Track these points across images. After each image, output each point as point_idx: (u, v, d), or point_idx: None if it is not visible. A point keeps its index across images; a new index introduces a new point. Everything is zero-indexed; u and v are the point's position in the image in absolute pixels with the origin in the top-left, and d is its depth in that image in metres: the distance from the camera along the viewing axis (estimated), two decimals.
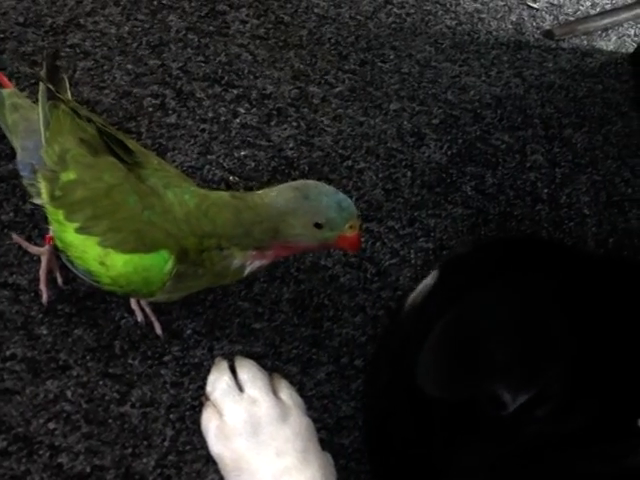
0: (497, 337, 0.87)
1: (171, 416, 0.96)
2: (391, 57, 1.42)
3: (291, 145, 1.23)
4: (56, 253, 0.99)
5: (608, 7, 1.70)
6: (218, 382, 0.89)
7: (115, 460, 0.92)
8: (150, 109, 1.20)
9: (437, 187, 1.27)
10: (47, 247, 1.01)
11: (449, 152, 1.31)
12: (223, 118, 1.23)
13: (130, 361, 0.99)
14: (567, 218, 1.30)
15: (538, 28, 1.60)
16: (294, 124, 1.26)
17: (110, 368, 0.98)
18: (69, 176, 0.88)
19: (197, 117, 1.21)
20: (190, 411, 0.97)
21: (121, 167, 0.88)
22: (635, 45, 1.63)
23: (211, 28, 1.33)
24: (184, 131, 1.19)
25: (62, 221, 0.88)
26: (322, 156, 1.23)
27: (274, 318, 1.06)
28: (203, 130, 1.20)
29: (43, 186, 0.91)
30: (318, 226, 0.84)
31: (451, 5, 1.56)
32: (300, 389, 1.00)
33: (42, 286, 1.00)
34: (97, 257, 0.86)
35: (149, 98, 1.21)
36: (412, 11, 1.52)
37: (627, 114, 1.50)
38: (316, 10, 1.43)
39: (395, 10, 1.50)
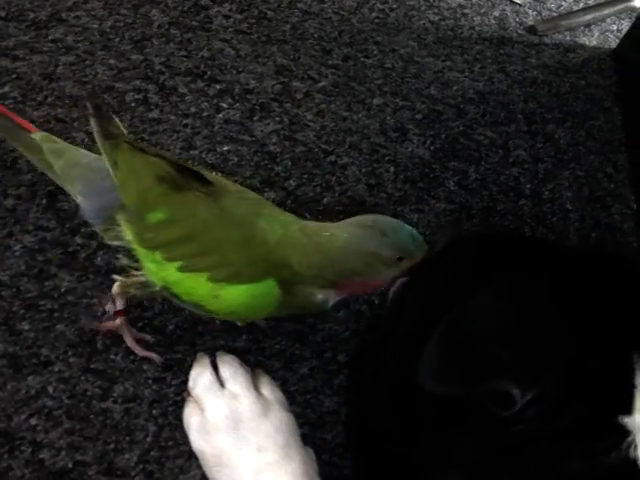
0: (500, 336, 0.87)
1: (154, 412, 0.96)
2: (374, 52, 1.42)
3: (274, 140, 1.23)
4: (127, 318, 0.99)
5: (591, 3, 1.71)
6: (200, 378, 0.89)
7: (97, 456, 0.91)
8: (133, 104, 1.19)
9: (420, 182, 1.27)
10: (119, 320, 0.99)
11: (432, 147, 1.31)
12: (206, 113, 1.22)
13: (112, 356, 0.98)
14: (550, 213, 1.30)
15: (521, 24, 1.61)
16: (277, 119, 1.26)
17: (92, 364, 0.97)
18: (157, 216, 0.87)
19: (180, 112, 1.21)
20: (172, 406, 0.97)
21: (208, 199, 0.87)
22: (618, 41, 1.63)
23: (194, 23, 1.33)
24: (167, 126, 1.19)
25: (161, 261, 0.87)
26: (305, 151, 1.23)
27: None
28: (186, 125, 1.20)
29: (127, 229, 0.90)
30: (400, 259, 0.85)
31: (434, 0, 1.57)
32: (283, 384, 1.00)
33: (146, 354, 1.00)
34: (210, 291, 0.86)
35: (132, 93, 1.20)
36: (395, 6, 1.52)
37: (610, 109, 1.50)
38: (299, 5, 1.43)
39: (378, 5, 1.50)
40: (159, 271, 0.88)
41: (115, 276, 0.94)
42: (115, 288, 0.95)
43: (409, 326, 0.92)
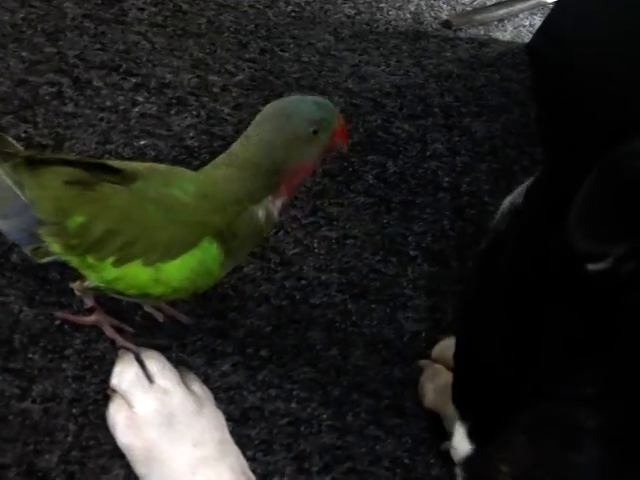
0: None
1: (74, 411, 0.94)
2: (291, 46, 1.41)
3: (192, 134, 1.22)
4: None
5: None
6: (125, 373, 0.88)
7: (17, 457, 0.89)
8: (47, 97, 1.17)
9: (339, 176, 1.27)
10: (96, 313, 0.99)
11: (351, 141, 1.30)
12: (122, 107, 1.21)
13: (30, 355, 0.96)
14: (468, 206, 1.31)
15: (436, 18, 1.62)
16: (194, 113, 1.24)
17: (10, 363, 0.95)
18: (77, 220, 0.85)
19: (95, 106, 1.19)
20: (93, 405, 0.95)
21: (120, 188, 0.86)
22: (531, 35, 1.65)
23: (108, 15, 1.31)
24: (82, 120, 1.17)
25: (95, 263, 0.86)
26: (223, 145, 1.22)
27: (177, 309, 1.05)
28: (101, 119, 1.18)
29: (52, 242, 0.88)
30: (315, 132, 0.84)
31: None
32: (205, 381, 0.98)
33: (124, 343, 0.99)
34: (150, 277, 0.86)
35: (45, 86, 1.18)
36: (311, 0, 1.51)
37: (524, 103, 1.52)
38: None
39: None
40: (97, 273, 0.87)
41: (70, 284, 0.94)
42: (76, 291, 0.95)
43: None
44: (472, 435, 0.95)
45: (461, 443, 0.94)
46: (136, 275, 0.86)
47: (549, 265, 0.84)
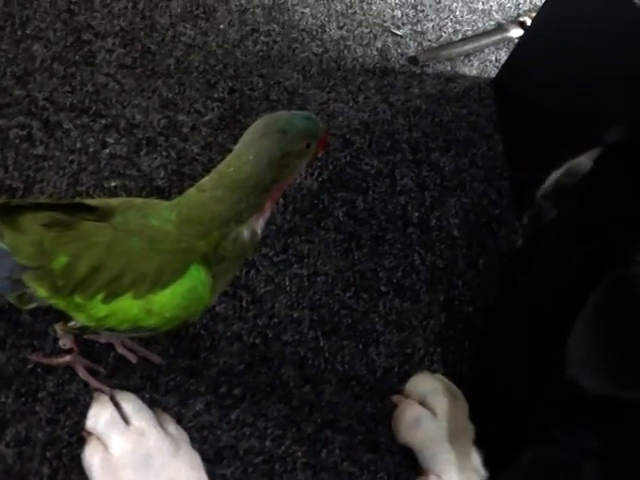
0: None
1: (47, 454, 0.94)
2: (259, 85, 1.42)
3: (162, 174, 1.22)
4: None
5: (469, 33, 1.74)
6: (101, 415, 0.88)
7: None
8: (16, 141, 1.17)
9: (309, 213, 1.27)
10: (70, 357, 0.99)
11: (320, 178, 1.31)
12: (92, 148, 1.21)
13: (3, 399, 0.96)
14: (438, 240, 1.32)
15: (403, 54, 1.63)
16: (164, 153, 1.25)
17: None
18: (61, 261, 0.85)
19: (65, 148, 1.19)
20: (67, 448, 0.95)
21: (101, 224, 0.86)
22: (497, 70, 1.67)
23: (77, 57, 1.31)
24: (52, 162, 1.17)
25: (83, 302, 0.85)
26: (193, 184, 1.22)
27: (149, 350, 1.05)
28: (72, 161, 1.18)
29: (37, 287, 0.87)
30: (308, 146, 0.85)
31: (317, 32, 1.57)
32: (179, 421, 0.99)
33: (97, 385, 0.98)
34: (141, 310, 0.85)
35: (15, 129, 1.18)
36: (279, 39, 1.52)
37: (492, 137, 1.53)
38: (183, 39, 1.43)
39: (262, 38, 1.50)
40: (86, 313, 0.86)
41: (55, 325, 0.94)
42: (58, 331, 0.94)
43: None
44: (487, 464, 0.96)
45: (479, 469, 0.96)
46: (127, 309, 0.85)
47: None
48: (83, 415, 0.94)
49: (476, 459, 1.01)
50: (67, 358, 0.99)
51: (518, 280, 0.95)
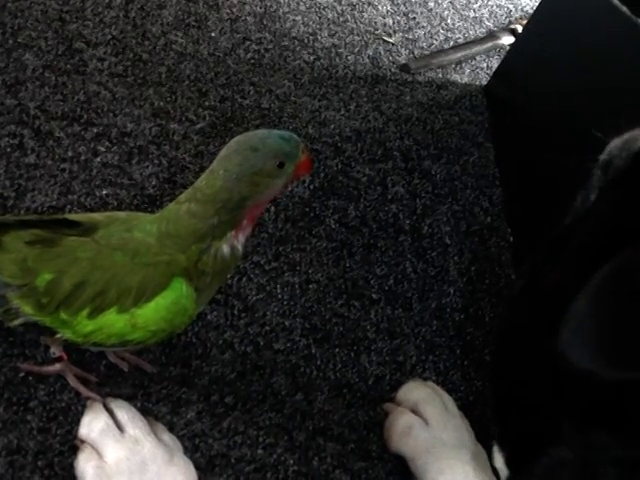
0: None
1: (39, 463, 0.93)
2: (251, 93, 1.42)
3: (153, 183, 1.22)
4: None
5: (461, 41, 1.75)
6: (95, 422, 0.88)
7: None
8: (8, 149, 1.17)
9: (301, 221, 1.27)
10: (62, 363, 0.99)
11: (311, 186, 1.31)
12: (83, 157, 1.21)
13: None
14: (429, 248, 1.32)
15: (394, 62, 1.63)
16: (156, 162, 1.25)
17: None
18: (45, 278, 0.85)
19: (57, 156, 1.19)
20: (59, 457, 0.94)
21: (84, 239, 0.86)
22: (488, 77, 1.68)
23: (68, 66, 1.31)
24: (44, 171, 1.17)
25: (69, 319, 0.86)
26: None
27: (141, 358, 1.05)
28: (63, 170, 1.18)
29: (22, 304, 0.87)
30: (281, 165, 0.85)
31: (309, 41, 1.58)
32: (170, 429, 0.99)
33: (88, 394, 0.98)
34: (126, 323, 0.85)
35: (6, 138, 1.18)
36: (270, 47, 1.53)
37: (483, 145, 1.53)
38: (174, 47, 1.43)
39: (253, 46, 1.51)
40: (72, 329, 0.87)
41: (41, 338, 0.96)
42: (47, 340, 0.96)
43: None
44: (509, 464, 0.96)
45: (502, 469, 0.96)
46: (112, 324, 0.86)
47: None
48: (75, 424, 0.94)
49: (498, 460, 1.01)
50: (57, 367, 0.99)
51: (546, 271, 0.94)
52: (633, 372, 0.74)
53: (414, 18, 1.74)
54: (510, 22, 1.84)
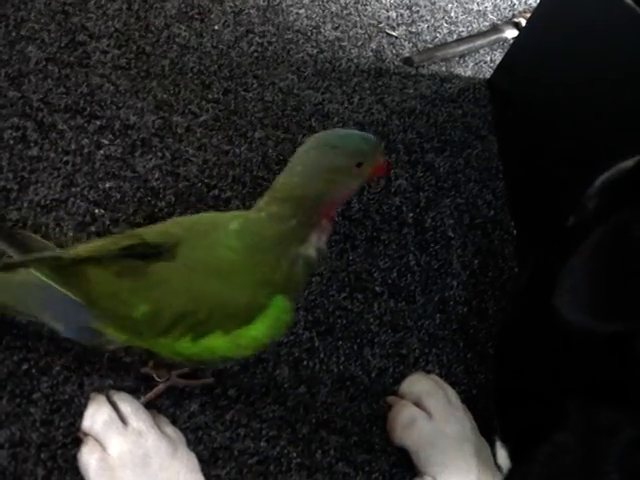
0: None
1: (42, 455, 0.94)
2: (254, 85, 1.42)
3: (156, 175, 1.22)
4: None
5: (464, 34, 1.74)
6: (98, 415, 0.88)
7: None
8: (11, 142, 1.17)
9: None
10: (170, 379, 1.01)
11: None
12: (86, 150, 1.21)
13: None
14: (433, 241, 1.32)
15: (398, 55, 1.63)
16: (159, 154, 1.25)
17: None
18: (142, 310, 0.85)
19: (60, 149, 1.19)
20: (62, 449, 0.94)
21: (172, 265, 0.85)
22: (492, 71, 1.67)
23: (71, 59, 1.31)
24: (47, 164, 1.17)
25: (171, 344, 0.86)
26: (188, 186, 1.23)
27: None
28: (66, 162, 1.18)
29: (118, 335, 0.88)
30: (359, 165, 0.84)
31: (312, 33, 1.58)
32: (173, 422, 0.99)
33: (199, 383, 1.03)
34: (230, 345, 0.86)
35: (9, 131, 1.18)
36: (273, 40, 1.52)
37: (487, 138, 1.53)
38: (178, 40, 1.43)
39: (257, 39, 1.50)
40: (173, 351, 0.87)
41: (144, 370, 1.00)
42: (150, 368, 1.00)
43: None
44: (512, 457, 0.96)
45: (505, 463, 0.96)
46: (216, 346, 0.86)
47: None
48: (78, 416, 0.94)
49: (500, 454, 1.01)
50: (167, 383, 1.01)
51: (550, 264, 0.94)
52: (624, 323, 0.76)
53: (417, 11, 1.74)
54: (514, 15, 1.84)
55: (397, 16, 1.70)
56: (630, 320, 0.75)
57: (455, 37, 1.73)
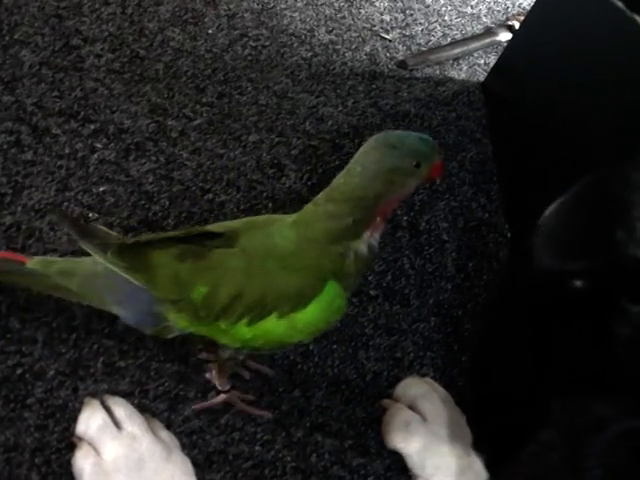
0: None
1: (36, 460, 0.93)
2: (248, 89, 1.42)
3: (150, 179, 1.22)
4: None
5: (458, 37, 1.74)
6: (93, 420, 0.88)
7: None
8: (5, 146, 1.17)
9: None
10: (231, 393, 1.03)
11: (309, 182, 1.31)
12: (80, 154, 1.21)
13: None
14: (427, 244, 1.32)
15: (392, 58, 1.63)
16: (153, 158, 1.25)
17: None
18: (200, 291, 0.87)
19: (54, 153, 1.19)
20: (56, 454, 0.94)
21: (231, 250, 0.88)
22: (485, 74, 1.67)
23: (65, 63, 1.31)
24: (41, 168, 1.17)
25: (228, 328, 0.88)
26: (182, 190, 1.23)
27: (139, 355, 1.05)
28: (60, 166, 1.18)
29: (178, 318, 0.89)
30: (417, 166, 0.86)
31: (306, 37, 1.58)
32: (168, 426, 0.99)
33: (260, 413, 1.05)
34: (286, 328, 0.87)
35: (3, 135, 1.18)
36: (267, 43, 1.52)
37: (481, 141, 1.53)
38: (172, 43, 1.43)
39: (251, 43, 1.50)
40: (231, 336, 0.89)
41: (208, 368, 1.03)
42: (214, 377, 1.01)
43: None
44: (488, 467, 0.97)
45: (481, 473, 0.97)
46: (273, 330, 0.88)
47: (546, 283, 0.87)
48: (72, 421, 0.94)
49: (476, 463, 1.01)
50: (225, 397, 1.03)
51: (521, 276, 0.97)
52: (590, 260, 0.79)
53: (411, 14, 1.74)
54: (507, 18, 1.84)
55: (391, 19, 1.70)
56: (594, 257, 0.78)
57: (449, 40, 1.73)
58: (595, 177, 0.83)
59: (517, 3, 1.90)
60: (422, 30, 1.72)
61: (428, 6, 1.77)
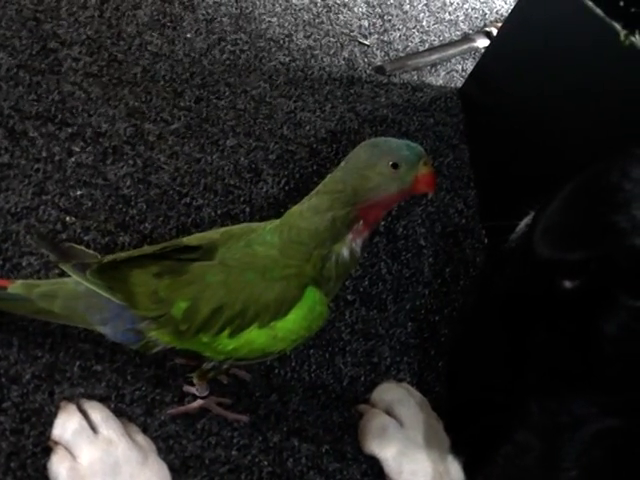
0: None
1: (12, 464, 0.93)
2: (226, 93, 1.42)
3: (128, 183, 1.22)
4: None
5: (436, 43, 1.75)
6: (69, 424, 0.88)
7: None
8: None
9: None
10: (208, 398, 1.03)
11: (286, 187, 1.31)
12: (57, 157, 1.20)
13: None
14: (404, 249, 1.32)
15: (369, 64, 1.63)
16: (130, 162, 1.25)
17: None
18: (181, 306, 0.87)
19: (30, 156, 1.19)
20: (32, 458, 0.94)
21: (209, 263, 0.89)
22: (463, 80, 1.68)
23: (43, 66, 1.31)
24: (17, 171, 1.16)
25: (210, 341, 0.88)
26: (160, 194, 1.22)
27: (115, 359, 1.04)
28: (37, 170, 1.17)
29: (160, 334, 0.90)
30: (395, 166, 0.85)
31: (284, 42, 1.58)
32: (144, 430, 0.98)
33: (236, 417, 1.05)
34: (268, 338, 0.88)
35: None
36: (246, 48, 1.52)
37: (458, 147, 1.54)
38: (150, 47, 1.42)
39: (229, 47, 1.50)
40: (214, 349, 0.89)
41: (188, 377, 1.02)
42: (195, 382, 1.01)
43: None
44: (466, 469, 0.97)
45: (459, 476, 0.97)
46: (255, 340, 0.88)
47: (533, 285, 0.88)
48: (48, 425, 0.93)
49: (453, 467, 1.02)
50: (202, 402, 1.03)
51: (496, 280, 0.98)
52: (586, 251, 0.80)
53: (389, 20, 1.74)
54: (485, 25, 1.85)
55: (369, 25, 1.71)
56: (594, 248, 0.79)
57: (427, 46, 1.74)
58: (596, 168, 0.85)
59: (495, 10, 1.90)
60: (400, 36, 1.72)
61: (406, 12, 1.78)
